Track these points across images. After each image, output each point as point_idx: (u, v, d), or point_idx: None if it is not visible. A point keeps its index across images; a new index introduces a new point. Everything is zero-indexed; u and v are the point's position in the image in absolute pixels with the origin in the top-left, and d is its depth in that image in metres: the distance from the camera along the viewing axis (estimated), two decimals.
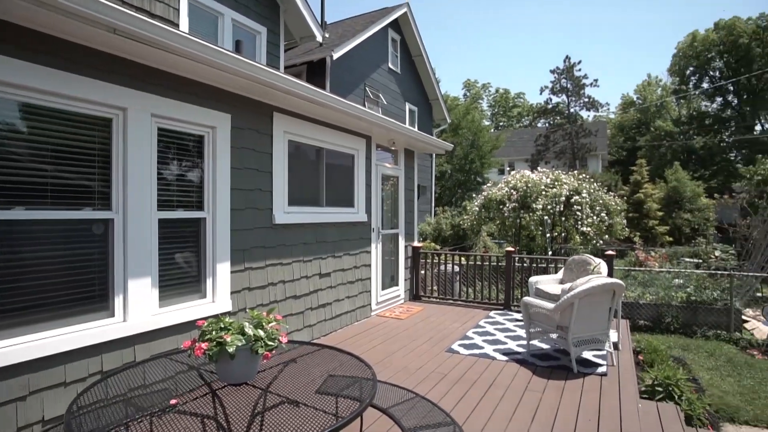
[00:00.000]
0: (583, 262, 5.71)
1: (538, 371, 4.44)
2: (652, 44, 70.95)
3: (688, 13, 65.45)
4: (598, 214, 9.08)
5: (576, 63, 29.88)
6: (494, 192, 10.01)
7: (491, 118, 48.73)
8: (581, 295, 4.25)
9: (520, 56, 79.34)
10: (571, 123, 29.32)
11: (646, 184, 18.73)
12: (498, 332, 5.73)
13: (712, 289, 7.62)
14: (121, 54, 3.19)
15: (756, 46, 33.73)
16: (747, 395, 4.90)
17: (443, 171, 19.62)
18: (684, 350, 6.38)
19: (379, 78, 13.35)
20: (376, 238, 6.61)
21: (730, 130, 36.21)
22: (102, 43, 3.00)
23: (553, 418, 3.46)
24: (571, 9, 73.78)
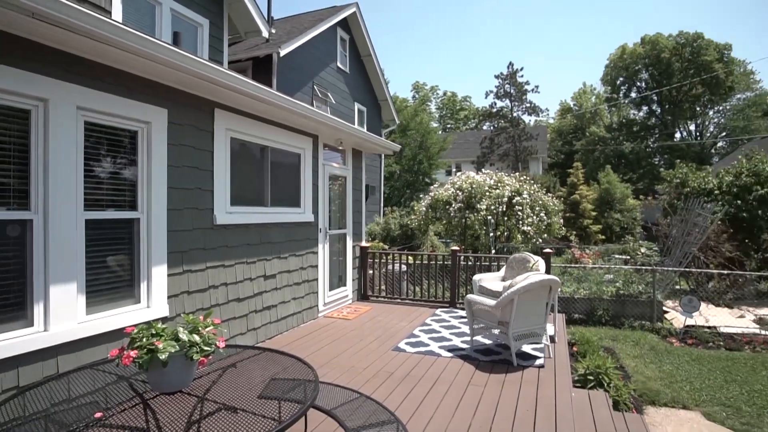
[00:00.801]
0: (523, 259, 5.98)
1: (480, 366, 4.58)
2: (587, 54, 75.64)
3: (619, 26, 70.42)
4: (538, 214, 9.55)
5: (519, 69, 31.16)
6: (441, 193, 10.24)
7: (439, 120, 49.82)
8: (520, 292, 4.44)
9: (468, 61, 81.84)
10: (514, 127, 30.57)
11: (581, 186, 19.94)
12: (443, 329, 5.87)
13: (638, 283, 8.23)
14: (41, 41, 2.94)
15: (675, 61, 36.94)
16: (666, 380, 5.33)
17: (392, 171, 19.80)
18: (613, 340, 6.84)
19: (327, 77, 13.23)
20: (323, 239, 6.55)
21: (655, 137, 39.39)
22: (20, 27, 2.75)
23: (494, 410, 3.59)
24: (514, 17, 77.05)
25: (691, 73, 36.19)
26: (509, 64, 31.38)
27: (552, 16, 74.65)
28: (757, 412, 4.53)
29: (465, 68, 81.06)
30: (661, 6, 65.45)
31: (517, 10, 75.63)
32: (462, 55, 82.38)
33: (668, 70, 37.33)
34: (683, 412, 4.59)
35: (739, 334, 7.15)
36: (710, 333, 7.15)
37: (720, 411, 4.56)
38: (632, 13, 68.09)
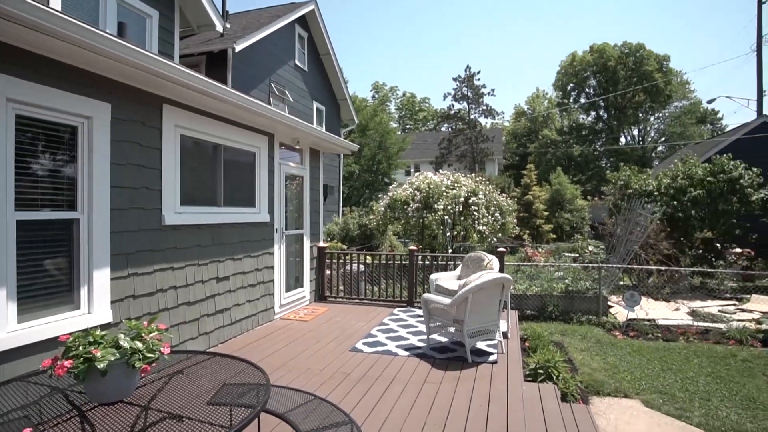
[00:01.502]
0: (478, 258, 6.13)
1: (436, 364, 4.66)
2: (541, 60, 78.69)
3: (570, 34, 73.72)
4: (493, 214, 9.83)
5: (476, 73, 31.98)
6: (399, 193, 10.32)
7: (398, 120, 50.21)
8: (474, 290, 4.55)
9: (427, 62, 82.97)
10: (471, 128, 31.33)
11: (534, 187, 20.72)
12: (401, 329, 5.91)
13: (586, 280, 8.65)
14: None
15: (621, 69, 39.11)
16: (610, 371, 5.63)
17: (351, 171, 19.76)
18: (563, 335, 7.15)
19: (285, 75, 13.01)
20: (279, 239, 6.43)
21: (602, 141, 41.52)
22: None
23: (449, 406, 3.66)
24: (471, 21, 78.88)
25: (634, 82, 38.44)
26: (467, 67, 32.14)
27: (507, 22, 77.08)
28: (689, 397, 4.87)
29: (424, 70, 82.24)
30: (608, 16, 69.13)
31: (474, 14, 77.51)
32: (421, 57, 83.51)
33: (614, 77, 39.48)
34: (625, 401, 4.86)
35: (675, 326, 7.66)
36: (650, 325, 7.61)
37: (657, 398, 4.87)
38: (582, 22, 71.52)
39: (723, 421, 4.35)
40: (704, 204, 11.15)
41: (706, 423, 4.34)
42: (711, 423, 4.34)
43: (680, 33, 66.25)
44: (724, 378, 5.42)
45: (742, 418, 4.43)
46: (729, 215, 11.15)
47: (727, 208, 11.02)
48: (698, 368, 5.73)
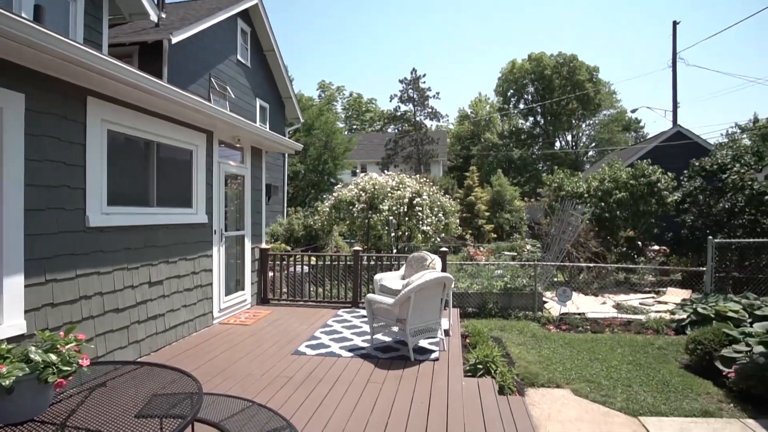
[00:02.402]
0: (421, 258, 6.25)
1: (380, 363, 4.69)
2: (483, 66, 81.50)
3: (511, 41, 77.08)
4: (436, 215, 10.06)
5: (422, 76, 32.60)
6: (344, 193, 10.30)
7: (345, 120, 50.07)
8: (416, 290, 4.63)
9: (374, 63, 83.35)
10: (417, 130, 31.90)
11: (476, 188, 21.47)
12: (345, 330, 5.90)
13: (523, 277, 9.08)
14: None
15: (556, 78, 41.46)
16: (544, 363, 5.94)
17: (297, 171, 19.43)
18: (501, 330, 7.45)
19: (227, 70, 12.55)
20: (218, 241, 6.19)
21: (539, 145, 43.79)
22: None
23: (391, 405, 3.69)
24: (418, 25, 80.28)
25: (568, 90, 40.91)
26: (412, 69, 32.68)
27: (452, 28, 79.23)
28: (613, 384, 5.25)
29: (371, 71, 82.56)
30: (545, 27, 73.03)
31: (420, 17, 78.97)
32: (368, 58, 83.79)
33: (550, 85, 41.78)
34: (557, 391, 5.15)
35: (602, 319, 8.22)
36: (580, 319, 8.12)
37: (585, 387, 5.20)
38: (522, 31, 75.01)
39: (641, 404, 4.73)
40: (627, 205, 12.09)
41: (627, 407, 4.70)
42: (631, 407, 4.70)
43: (608, 46, 71.37)
44: (642, 365, 5.89)
45: (657, 400, 4.84)
46: (648, 215, 12.16)
47: (646, 209, 12.02)
48: (621, 357, 6.19)
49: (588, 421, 4.40)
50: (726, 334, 5.78)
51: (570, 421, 4.40)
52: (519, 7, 73.12)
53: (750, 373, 4.83)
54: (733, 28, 50.43)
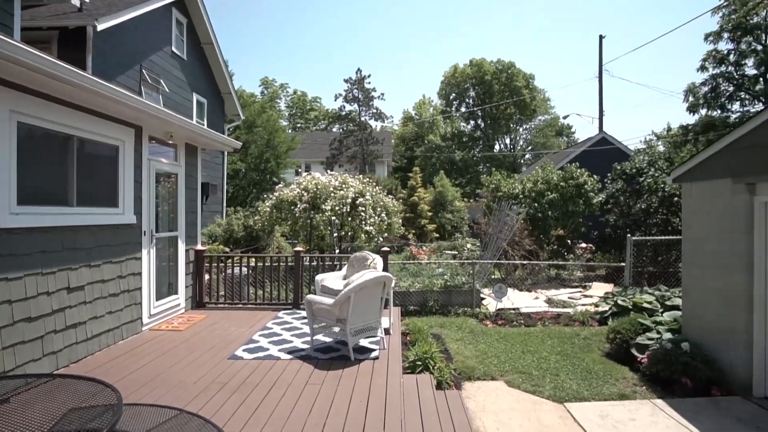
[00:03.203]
0: (362, 258, 6.27)
1: (319, 364, 4.65)
2: (427, 69, 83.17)
3: (454, 46, 79.29)
4: (379, 215, 10.15)
5: (367, 76, 32.70)
6: (286, 193, 10.11)
7: (289, 119, 49.11)
8: (356, 289, 4.65)
9: (318, 62, 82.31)
10: (362, 130, 31.96)
11: (419, 189, 21.88)
12: (285, 332, 5.79)
13: (462, 275, 9.38)
14: None
15: (495, 84, 43.23)
16: (480, 357, 6.19)
17: (237, 169, 18.77)
18: (441, 327, 7.66)
19: (160, 62, 11.87)
20: (148, 243, 5.85)
21: (479, 147, 45.42)
22: None
23: (329, 406, 3.68)
24: (362, 25, 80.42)
25: (506, 95, 42.80)
26: (357, 69, 32.72)
27: (397, 30, 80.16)
28: (542, 374, 5.57)
29: (316, 69, 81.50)
30: (485, 33, 75.92)
31: (365, 18, 79.18)
32: (313, 56, 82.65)
33: (490, 90, 43.51)
34: (491, 383, 5.38)
35: (534, 313, 8.70)
36: (515, 313, 8.53)
37: (517, 378, 5.48)
38: (464, 36, 77.42)
39: (567, 392, 5.06)
40: (558, 205, 12.87)
41: (554, 395, 5.00)
42: (558, 394, 5.01)
43: (543, 55, 75.47)
44: (569, 355, 6.30)
45: (581, 387, 5.20)
46: (577, 215, 13.02)
47: (575, 209, 12.86)
48: (551, 348, 6.58)
49: (519, 410, 4.64)
50: (640, 323, 6.33)
51: (503, 411, 4.62)
52: (461, 13, 75.48)
53: (659, 358, 5.33)
54: (652, 44, 55.24)
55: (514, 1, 71.35)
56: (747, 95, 23.46)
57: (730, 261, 5.13)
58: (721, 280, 5.26)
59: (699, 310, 5.63)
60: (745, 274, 4.96)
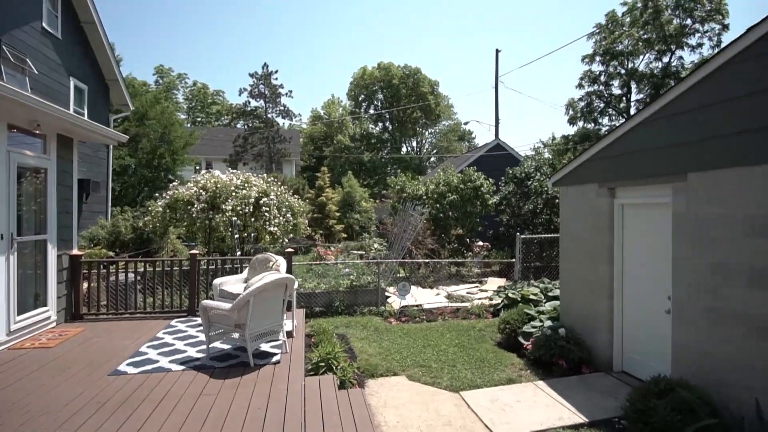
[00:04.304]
0: (265, 260, 6.06)
1: (216, 373, 4.40)
2: (336, 69, 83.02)
3: (363, 48, 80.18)
4: (285, 215, 9.89)
5: (274, 72, 31.67)
6: (182, 192, 9.39)
7: (188, 112, 45.73)
8: (256, 292, 4.48)
9: (221, 53, 77.74)
10: (269, 128, 30.90)
11: (328, 189, 21.77)
12: (178, 341, 5.38)
13: (368, 274, 9.53)
14: None
15: (402, 88, 44.63)
16: (384, 354, 6.33)
17: (126, 165, 16.97)
18: (347, 327, 7.69)
19: (27, 39, 10.30)
20: (6, 248, 5.04)
21: (387, 149, 46.54)
22: None
23: (225, 415, 3.50)
24: (269, 19, 77.74)
25: (413, 100, 44.42)
26: (264, 64, 31.56)
27: (305, 26, 78.91)
28: (441, 366, 5.87)
29: (218, 60, 76.93)
30: (393, 38, 78.04)
31: (273, 11, 76.67)
32: (215, 46, 77.85)
33: (397, 94, 44.81)
34: (394, 378, 5.54)
35: (436, 308, 9.13)
36: (417, 310, 8.88)
37: (418, 372, 5.70)
38: (373, 38, 78.75)
39: (462, 381, 5.39)
40: (458, 206, 13.68)
41: (451, 385, 5.30)
42: (454, 384, 5.32)
43: (448, 63, 79.64)
44: (466, 346, 6.72)
45: (475, 375, 5.58)
46: (474, 216, 13.96)
47: (473, 210, 13.78)
48: (449, 341, 6.96)
49: (418, 402, 4.84)
50: (526, 313, 6.97)
51: (403, 404, 4.78)
52: (370, 16, 76.68)
53: (541, 344, 5.92)
54: (544, 60, 61.34)
55: (420, 10, 74.36)
56: (614, 111, 27.10)
57: (597, 255, 5.88)
58: (590, 272, 5.99)
59: (573, 299, 6.36)
60: (607, 266, 5.72)
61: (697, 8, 23.94)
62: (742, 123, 3.94)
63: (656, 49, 25.20)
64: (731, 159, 4.03)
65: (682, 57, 25.11)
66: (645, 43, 25.27)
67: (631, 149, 5.28)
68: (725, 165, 4.08)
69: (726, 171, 4.08)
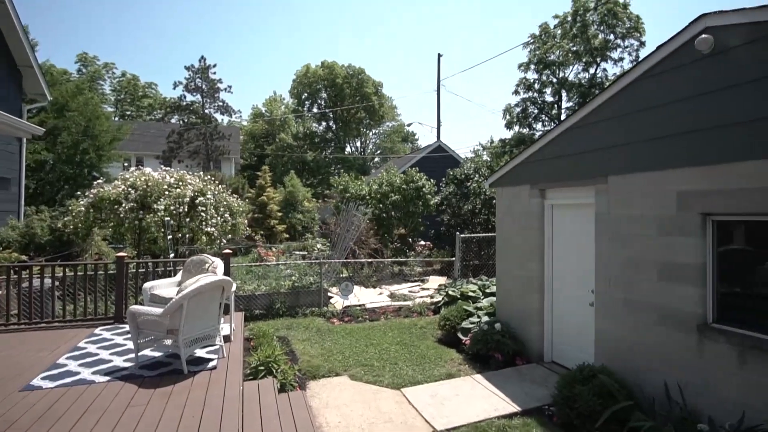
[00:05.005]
0: (200, 261, 5.80)
1: (145, 383, 4.15)
2: (278, 65, 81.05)
3: (306, 45, 78.90)
4: (222, 215, 9.51)
5: (212, 65, 30.36)
6: (107, 190, 8.74)
7: (116, 104, 42.61)
8: (190, 296, 4.28)
9: (153, 42, 73.06)
10: (206, 124, 29.58)
11: (269, 188, 21.20)
12: (102, 351, 5.01)
13: (311, 275, 9.40)
14: None
15: (346, 88, 44.49)
16: (326, 355, 6.28)
17: (43, 161, 15.47)
18: (288, 329, 7.55)
19: None
20: None
21: (331, 149, 46.20)
22: None
23: (155, 426, 3.31)
24: (207, 9, 74.32)
25: (357, 100, 44.43)
26: (201, 57, 30.16)
27: (246, 17, 76.32)
28: (383, 365, 5.93)
29: (150, 50, 72.27)
30: (337, 37, 77.62)
31: (210, 2, 73.37)
32: (147, 34, 73.05)
33: (341, 94, 44.59)
34: (336, 379, 5.51)
35: (378, 308, 9.21)
36: (360, 310, 8.90)
37: (360, 371, 5.72)
38: (316, 36, 77.76)
39: (404, 378, 5.48)
40: (401, 206, 13.88)
41: (393, 382, 5.37)
42: (396, 381, 5.40)
43: (392, 64, 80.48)
44: (407, 344, 6.83)
45: (416, 372, 5.69)
46: (416, 215, 14.23)
47: (415, 210, 14.04)
48: (391, 339, 7.05)
49: (360, 401, 4.86)
50: (465, 310, 7.22)
51: (345, 404, 4.77)
52: (314, 14, 75.71)
53: (478, 339, 6.15)
54: (485, 66, 63.74)
55: (363, 12, 74.57)
56: (547, 117, 28.75)
57: (529, 253, 6.21)
58: (523, 269, 6.32)
59: (508, 294, 6.68)
60: (538, 263, 6.06)
61: (619, 25, 26.01)
62: (651, 132, 4.35)
63: (584, 60, 27.05)
64: (643, 164, 4.43)
65: (606, 69, 27.15)
66: (574, 54, 27.05)
67: (559, 153, 5.64)
68: (638, 169, 4.48)
69: (639, 175, 4.47)
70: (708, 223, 3.92)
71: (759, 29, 3.48)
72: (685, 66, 4.04)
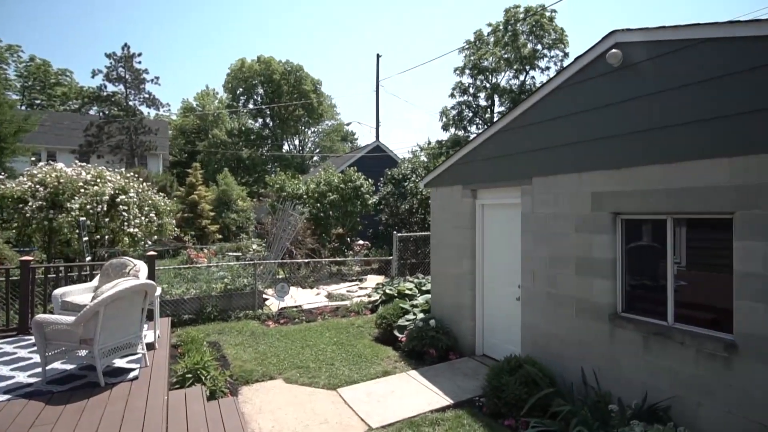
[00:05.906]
0: (121, 265, 5.39)
1: (53, 400, 3.78)
2: (211, 58, 77.31)
3: (242, 37, 75.97)
4: (147, 215, 8.90)
5: (137, 54, 28.31)
6: (11, 187, 7.85)
7: (22, 91, 38.38)
8: (108, 302, 3.96)
9: (69, 25, 66.49)
10: (130, 117, 27.57)
11: (200, 187, 20.17)
12: (2, 366, 4.50)
13: (245, 276, 9.08)
14: None
15: (284, 84, 43.46)
16: (260, 359, 6.09)
17: None
18: (220, 333, 7.23)
19: None
20: None
21: (268, 146, 44.92)
22: None
23: None
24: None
25: (295, 97, 43.55)
26: (124, 45, 28.05)
27: (176, 9, 71.95)
28: (319, 366, 5.86)
29: (64, 33, 65.78)
30: (273, 32, 75.56)
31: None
32: (59, 14, 66.40)
33: (279, 90, 43.47)
34: (270, 383, 5.37)
35: (316, 308, 9.10)
36: (297, 311, 8.74)
37: (296, 373, 5.61)
38: (251, 30, 75.11)
39: (340, 378, 5.46)
40: (339, 206, 13.82)
41: (329, 383, 5.33)
42: (332, 382, 5.36)
43: (331, 63, 79.79)
44: (344, 343, 6.81)
45: (353, 371, 5.69)
46: (355, 215, 14.24)
47: (353, 209, 14.04)
48: (328, 340, 6.99)
49: (295, 404, 4.77)
50: (401, 307, 7.33)
51: (280, 408, 4.66)
52: (249, 5, 73.11)
53: (414, 335, 6.28)
54: (424, 68, 65.05)
55: (302, 9, 73.29)
56: (481, 121, 29.97)
57: (461, 251, 6.44)
58: (456, 267, 6.54)
59: (442, 291, 6.88)
60: (470, 260, 6.31)
61: (546, 36, 27.74)
62: (569, 137, 4.69)
63: (515, 68, 28.54)
64: (563, 167, 4.76)
65: (534, 77, 28.87)
66: (506, 61, 28.45)
67: (489, 155, 5.90)
68: (559, 171, 4.81)
69: (559, 177, 4.80)
70: (618, 221, 4.29)
71: (659, 47, 3.86)
72: (599, 77, 4.40)
